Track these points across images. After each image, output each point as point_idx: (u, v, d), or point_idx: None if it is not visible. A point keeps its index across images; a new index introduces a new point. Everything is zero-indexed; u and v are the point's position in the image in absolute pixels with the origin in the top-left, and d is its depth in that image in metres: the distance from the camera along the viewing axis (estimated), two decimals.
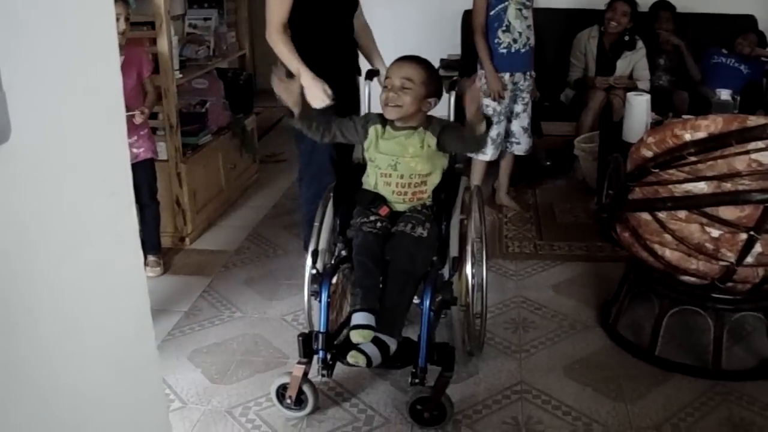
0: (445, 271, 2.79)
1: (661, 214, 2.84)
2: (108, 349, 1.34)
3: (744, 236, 2.69)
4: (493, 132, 4.43)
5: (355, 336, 2.51)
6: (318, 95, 3.13)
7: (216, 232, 4.57)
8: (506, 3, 4.30)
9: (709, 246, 2.79)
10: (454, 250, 2.76)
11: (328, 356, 2.64)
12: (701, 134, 2.54)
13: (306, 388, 2.73)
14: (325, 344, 2.63)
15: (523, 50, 4.39)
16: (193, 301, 3.68)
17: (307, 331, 2.78)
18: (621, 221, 3.07)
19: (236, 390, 2.97)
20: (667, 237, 2.87)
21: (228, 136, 4.87)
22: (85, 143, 1.26)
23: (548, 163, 5.35)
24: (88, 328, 1.27)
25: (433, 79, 2.84)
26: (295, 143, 3.43)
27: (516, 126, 4.55)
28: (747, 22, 5.61)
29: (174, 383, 2.99)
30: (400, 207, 2.85)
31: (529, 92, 4.53)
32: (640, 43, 5.29)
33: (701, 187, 2.66)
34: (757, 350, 3.15)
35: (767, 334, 3.07)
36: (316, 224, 2.85)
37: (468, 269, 2.81)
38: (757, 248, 2.72)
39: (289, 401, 2.74)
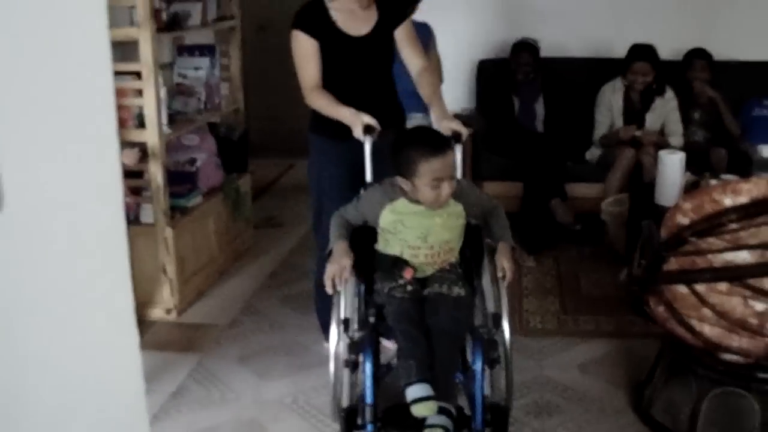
0: None
1: (700, 287, 2.87)
2: None
3: None
4: None
5: (421, 410, 2.58)
6: (365, 122, 3.21)
7: (206, 303, 4.58)
8: None
9: (753, 321, 2.81)
10: (490, 306, 2.87)
11: None
12: (743, 199, 2.59)
13: None
14: (374, 418, 2.70)
15: None
16: (180, 380, 3.68)
17: (333, 408, 2.84)
18: (655, 294, 3.09)
19: None
20: (707, 312, 2.89)
21: (220, 197, 4.92)
22: (76, 216, 1.30)
23: (578, 227, 5.36)
24: (80, 411, 1.30)
25: None
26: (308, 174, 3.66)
27: None
28: None
29: None
30: (428, 271, 2.96)
31: None
32: (669, 92, 5.40)
33: (744, 257, 2.70)
34: None
35: None
36: (340, 289, 2.89)
37: (505, 323, 2.85)
38: None
39: None
